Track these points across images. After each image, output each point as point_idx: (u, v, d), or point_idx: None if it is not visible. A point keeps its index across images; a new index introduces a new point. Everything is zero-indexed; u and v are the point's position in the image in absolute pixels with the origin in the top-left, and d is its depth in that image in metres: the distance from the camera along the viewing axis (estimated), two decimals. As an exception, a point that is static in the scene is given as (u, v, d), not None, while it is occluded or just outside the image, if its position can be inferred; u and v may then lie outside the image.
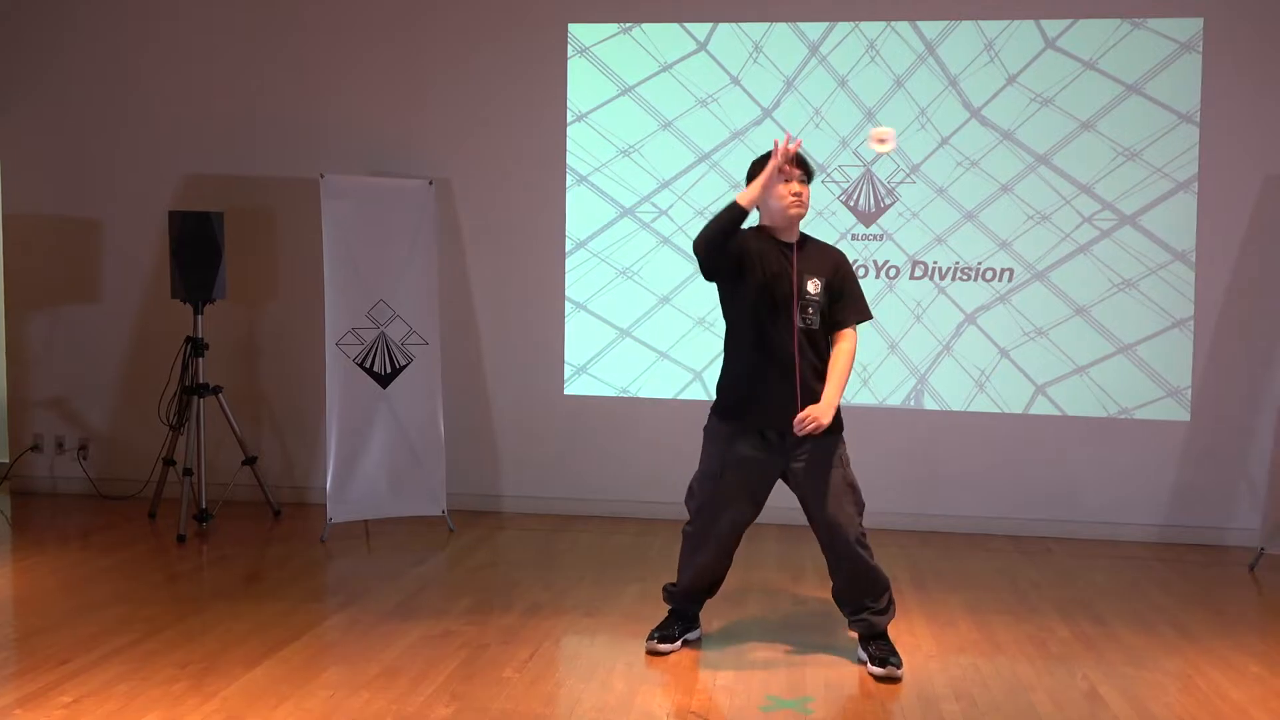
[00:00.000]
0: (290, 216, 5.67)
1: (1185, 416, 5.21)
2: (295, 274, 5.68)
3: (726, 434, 3.50)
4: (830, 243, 3.71)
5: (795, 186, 3.42)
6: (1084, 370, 5.27)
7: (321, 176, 5.13)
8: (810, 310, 3.42)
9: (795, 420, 3.32)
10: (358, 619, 3.91)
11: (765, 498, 3.55)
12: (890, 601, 3.56)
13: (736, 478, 3.48)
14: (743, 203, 3.29)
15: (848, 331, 3.49)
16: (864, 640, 3.56)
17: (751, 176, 3.47)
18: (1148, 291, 5.21)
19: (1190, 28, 5.11)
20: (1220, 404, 5.18)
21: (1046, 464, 5.32)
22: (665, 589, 3.74)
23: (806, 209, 3.48)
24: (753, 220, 3.50)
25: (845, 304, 3.49)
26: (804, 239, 3.54)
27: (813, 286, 3.44)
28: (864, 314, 3.54)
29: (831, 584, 3.61)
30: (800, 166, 3.44)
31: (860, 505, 3.50)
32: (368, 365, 5.16)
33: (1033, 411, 5.31)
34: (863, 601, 3.53)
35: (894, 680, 3.39)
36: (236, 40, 5.70)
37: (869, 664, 3.48)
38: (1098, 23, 5.17)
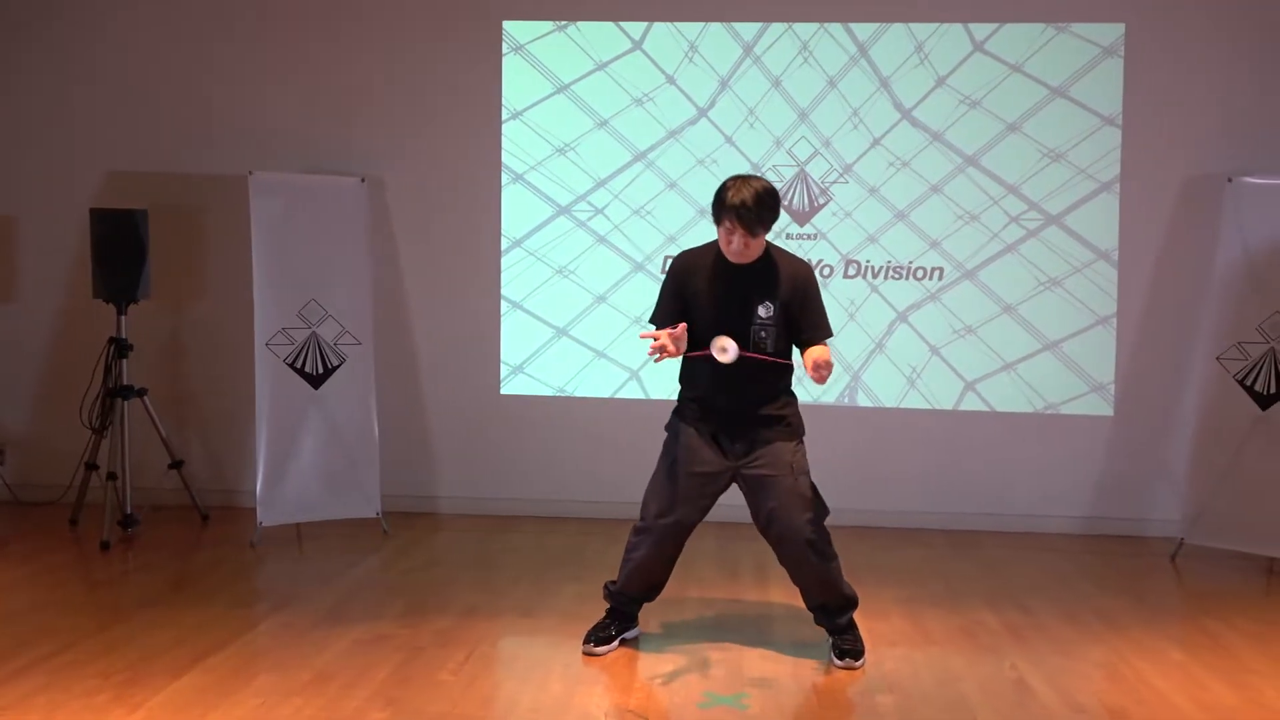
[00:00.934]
0: (218, 214, 5.55)
1: (1109, 411, 5.35)
2: (223, 273, 5.56)
3: (683, 435, 3.52)
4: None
5: (735, 242, 3.34)
6: (1012, 367, 5.38)
7: (250, 174, 5.03)
8: (763, 334, 3.41)
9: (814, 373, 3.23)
10: (289, 624, 3.84)
11: (712, 503, 3.57)
12: (851, 600, 3.58)
13: (689, 480, 3.49)
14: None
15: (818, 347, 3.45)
16: (829, 632, 3.62)
17: (713, 200, 3.38)
18: (1072, 290, 5.34)
19: (1112, 33, 5.25)
20: (1142, 399, 5.33)
21: (977, 459, 5.42)
22: (606, 587, 3.73)
23: (753, 255, 3.39)
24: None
25: (805, 326, 3.45)
26: (765, 257, 3.45)
27: (764, 310, 3.42)
28: (826, 331, 3.49)
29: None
30: (742, 224, 3.29)
31: (819, 511, 3.49)
32: (299, 366, 5.07)
33: (963, 408, 5.41)
34: (819, 600, 3.58)
35: (854, 670, 3.48)
36: (162, 33, 5.55)
37: (832, 655, 3.55)
38: (1023, 27, 5.28)
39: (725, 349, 3.31)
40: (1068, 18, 5.26)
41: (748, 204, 3.28)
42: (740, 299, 3.42)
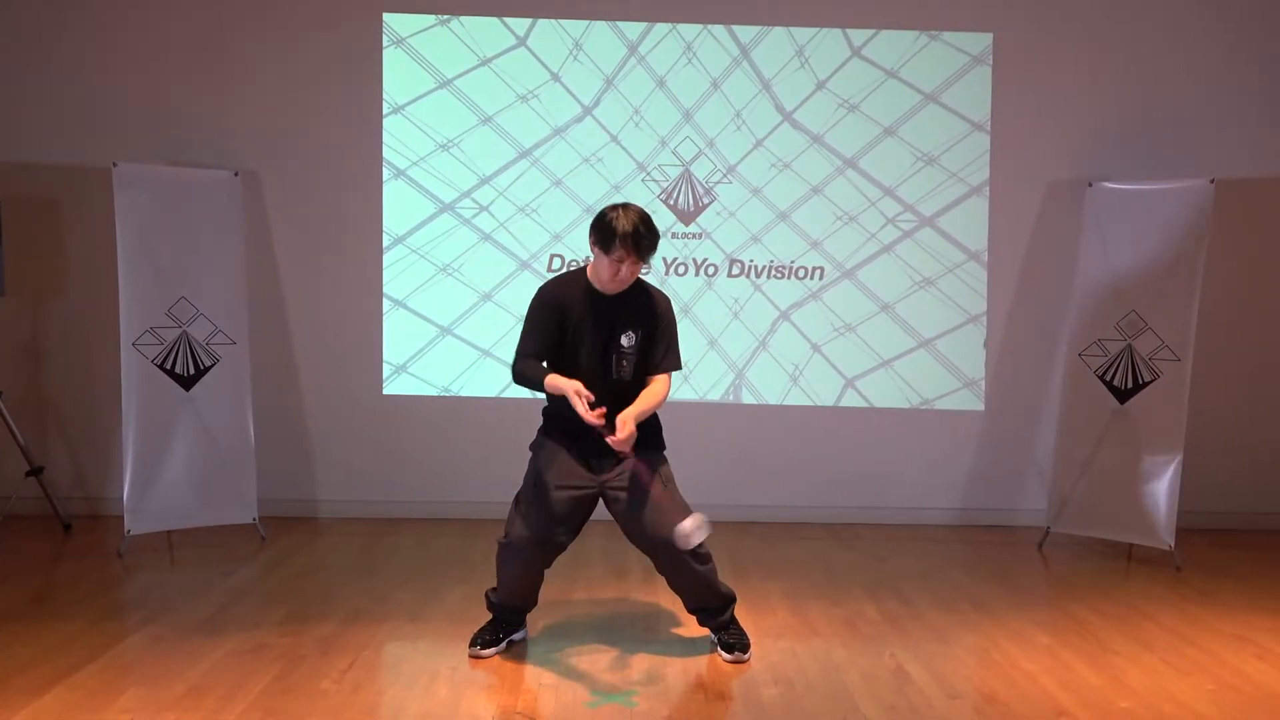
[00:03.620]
0: (78, 207, 5.28)
1: (980, 406, 5.56)
2: (85, 269, 5.30)
3: (550, 450, 3.50)
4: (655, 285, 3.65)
5: (623, 272, 3.36)
6: (889, 364, 5.55)
7: (114, 165, 4.80)
8: (624, 363, 3.45)
9: (613, 444, 3.28)
10: (160, 636, 3.68)
11: (584, 521, 3.54)
12: (729, 598, 3.62)
13: (560, 499, 3.46)
14: (547, 387, 3.37)
15: (660, 376, 3.50)
16: (714, 629, 3.65)
17: (597, 230, 3.36)
18: (945, 289, 5.53)
19: (981, 41, 5.45)
20: (1010, 394, 5.56)
21: (856, 453, 5.56)
22: (487, 595, 3.69)
23: (630, 281, 3.43)
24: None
25: (658, 351, 3.49)
26: (632, 287, 3.47)
27: (627, 340, 3.44)
28: (675, 364, 3.53)
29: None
30: (636, 252, 3.32)
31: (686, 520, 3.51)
32: (169, 366, 4.87)
33: (843, 404, 5.55)
34: (700, 604, 3.62)
35: (742, 662, 3.53)
36: (19, 12, 5.24)
37: (719, 649, 3.59)
38: (898, 34, 5.44)
39: (690, 535, 3.28)
40: (939, 26, 5.45)
41: (640, 231, 3.30)
42: (608, 327, 3.44)
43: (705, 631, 3.72)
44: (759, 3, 5.42)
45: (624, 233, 3.30)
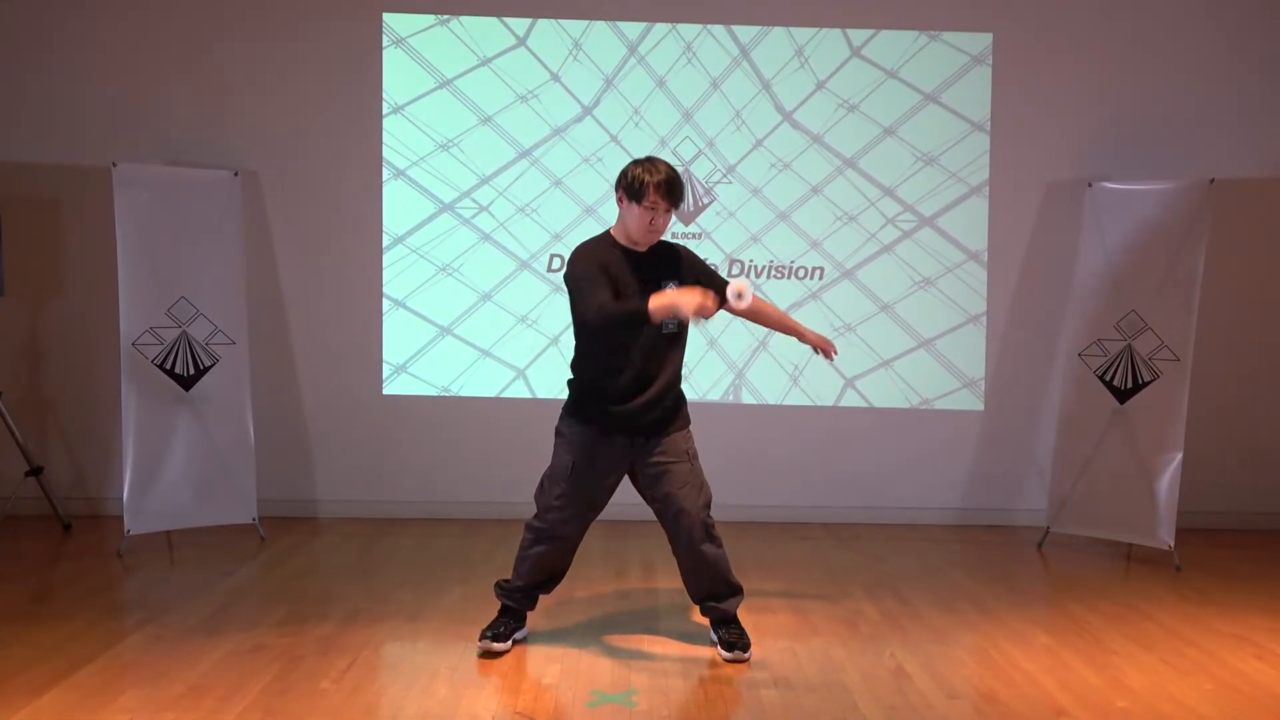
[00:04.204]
0: (77, 207, 5.28)
1: (980, 406, 5.56)
2: (84, 269, 5.30)
3: (579, 434, 3.50)
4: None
5: (658, 221, 3.40)
6: (889, 364, 5.55)
7: (114, 165, 4.80)
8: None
9: (826, 349, 3.78)
10: (159, 636, 3.68)
11: (609, 497, 3.58)
12: (737, 588, 3.65)
13: (587, 478, 3.49)
14: (653, 310, 3.21)
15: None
16: (715, 625, 3.65)
17: (626, 183, 3.39)
18: (945, 289, 5.53)
19: (980, 41, 5.45)
20: (1010, 394, 5.56)
21: (856, 454, 5.56)
22: (499, 585, 3.67)
23: (663, 232, 3.49)
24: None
25: (710, 282, 3.49)
26: (656, 243, 3.53)
27: (672, 291, 3.46)
28: (724, 283, 3.52)
29: (680, 572, 3.65)
30: (670, 198, 3.38)
31: (707, 498, 3.56)
32: (168, 366, 4.87)
33: (843, 404, 5.55)
34: (711, 590, 3.61)
35: (742, 661, 3.52)
36: (19, 14, 5.25)
37: (719, 647, 3.59)
38: (898, 34, 5.44)
39: (741, 295, 3.34)
40: (939, 26, 5.45)
41: (672, 178, 3.38)
42: (652, 282, 3.44)
43: (705, 631, 3.73)
44: (759, 3, 5.42)
45: (657, 181, 3.35)
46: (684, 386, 3.65)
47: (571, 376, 3.58)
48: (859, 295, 5.52)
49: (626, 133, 5.41)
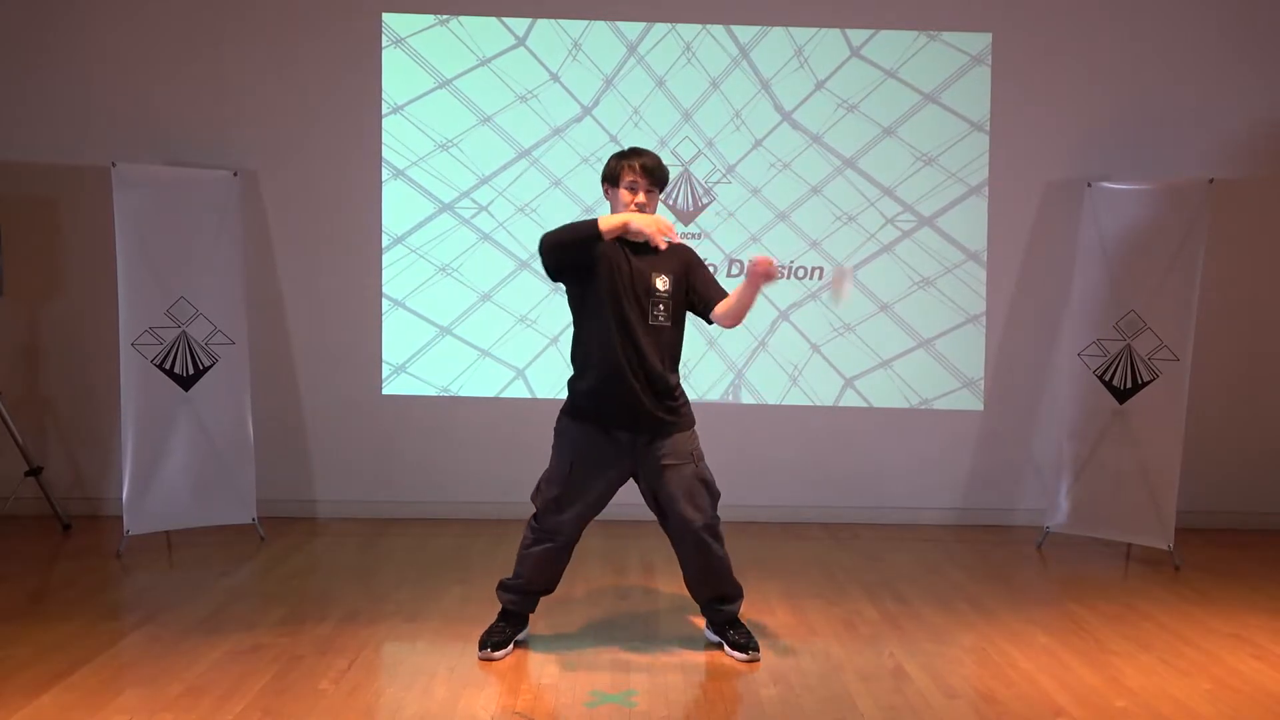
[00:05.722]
0: (76, 207, 5.28)
1: (979, 406, 5.56)
2: (83, 269, 5.30)
3: (577, 432, 3.50)
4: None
5: (640, 197, 3.43)
6: (888, 364, 5.55)
7: (113, 165, 4.80)
8: (660, 307, 3.44)
9: (764, 264, 3.27)
10: (158, 636, 3.68)
11: (611, 497, 3.57)
12: (740, 588, 3.65)
13: (585, 477, 3.48)
14: (601, 227, 3.30)
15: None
16: (719, 626, 3.65)
17: (605, 171, 3.48)
18: (944, 289, 5.53)
19: (980, 41, 5.45)
20: (1010, 394, 5.56)
21: (855, 453, 5.56)
22: (501, 586, 3.67)
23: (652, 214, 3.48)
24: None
25: (707, 289, 3.51)
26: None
27: (661, 283, 3.44)
28: (725, 291, 3.56)
29: (683, 574, 3.65)
30: (649, 176, 3.43)
31: (714, 496, 3.55)
32: (168, 366, 4.87)
33: (842, 404, 5.55)
34: (715, 591, 3.61)
35: (755, 661, 3.52)
36: (18, 14, 5.24)
37: (728, 648, 3.58)
38: (897, 34, 5.44)
39: (840, 291, 3.43)
40: (938, 26, 5.45)
41: (645, 155, 3.42)
42: (643, 273, 3.44)
43: (704, 631, 3.73)
44: (758, 3, 5.42)
45: (631, 162, 3.40)
46: (684, 386, 3.65)
47: (570, 375, 3.58)
48: (858, 295, 5.52)
49: (626, 133, 5.41)
